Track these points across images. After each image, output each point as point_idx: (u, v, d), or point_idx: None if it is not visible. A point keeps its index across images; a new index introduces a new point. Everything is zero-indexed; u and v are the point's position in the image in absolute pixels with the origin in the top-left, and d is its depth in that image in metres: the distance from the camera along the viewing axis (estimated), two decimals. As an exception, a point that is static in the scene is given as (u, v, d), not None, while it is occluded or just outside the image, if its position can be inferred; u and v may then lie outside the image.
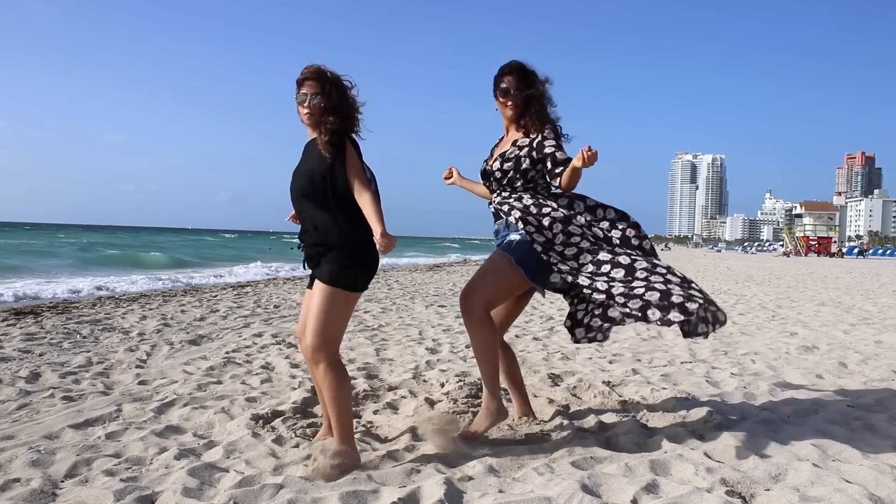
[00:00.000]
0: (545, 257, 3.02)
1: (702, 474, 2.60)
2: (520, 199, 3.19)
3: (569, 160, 3.03)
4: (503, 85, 3.23)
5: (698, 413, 3.59)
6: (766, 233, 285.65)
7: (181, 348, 6.02)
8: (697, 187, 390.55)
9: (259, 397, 4.08)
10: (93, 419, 3.62)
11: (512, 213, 3.15)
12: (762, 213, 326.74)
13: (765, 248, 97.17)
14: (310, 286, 3.02)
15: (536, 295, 3.41)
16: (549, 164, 3.10)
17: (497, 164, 3.24)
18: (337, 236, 2.82)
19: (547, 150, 3.11)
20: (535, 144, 3.16)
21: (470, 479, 2.67)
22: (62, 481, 2.74)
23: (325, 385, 2.84)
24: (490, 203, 3.35)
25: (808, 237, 62.26)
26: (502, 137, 3.43)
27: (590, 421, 3.53)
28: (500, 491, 2.54)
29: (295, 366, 5.16)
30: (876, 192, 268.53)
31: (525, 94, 3.20)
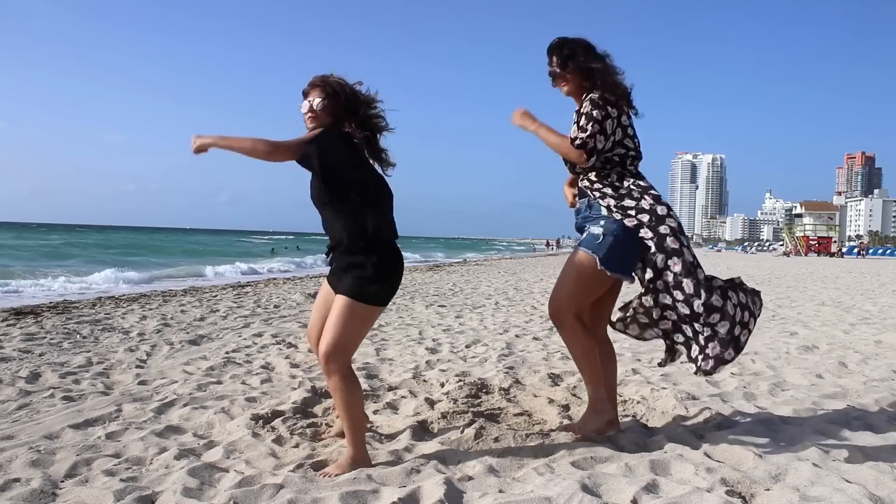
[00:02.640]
0: (647, 240, 2.92)
1: (702, 474, 2.60)
2: (604, 182, 3.04)
3: (572, 138, 2.95)
4: (549, 71, 3.12)
5: (698, 413, 3.59)
6: (766, 232, 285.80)
7: (181, 348, 6.02)
8: (697, 187, 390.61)
9: (259, 397, 4.08)
10: (93, 419, 3.62)
11: (600, 199, 3.01)
12: (762, 213, 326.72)
13: (765, 248, 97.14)
14: (329, 281, 3.00)
15: (536, 296, 3.39)
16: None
17: None
18: (344, 237, 2.81)
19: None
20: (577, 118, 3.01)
21: (470, 479, 2.67)
22: (62, 481, 2.74)
23: (335, 395, 2.83)
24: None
25: (808, 237, 62.26)
26: None
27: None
28: (500, 491, 2.54)
29: (295, 366, 5.16)
30: (876, 191, 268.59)
31: (572, 66, 3.04)
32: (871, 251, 70.61)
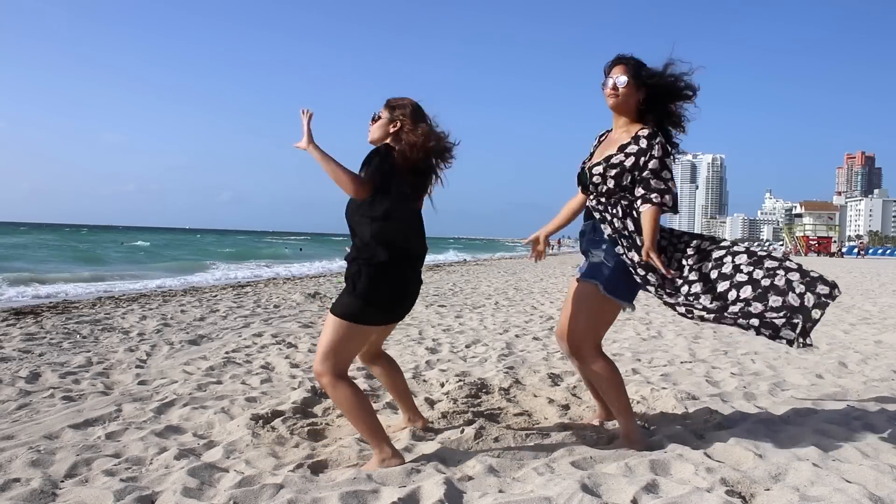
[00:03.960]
0: (638, 278, 2.90)
1: (702, 474, 2.60)
2: (616, 210, 2.98)
3: (662, 194, 2.86)
4: (611, 76, 3.02)
5: (698, 413, 3.59)
6: (766, 232, 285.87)
7: (181, 348, 6.02)
8: (697, 187, 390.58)
9: (259, 397, 4.08)
10: (93, 419, 3.62)
11: (605, 225, 2.98)
12: (762, 213, 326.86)
13: (765, 248, 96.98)
14: None
15: (536, 296, 3.39)
16: (639, 189, 2.91)
17: (599, 170, 2.99)
18: (359, 259, 2.80)
19: (646, 174, 2.90)
20: (640, 162, 2.91)
21: (470, 479, 2.67)
22: (62, 481, 2.74)
23: (336, 403, 2.85)
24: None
25: (807, 237, 62.32)
26: (607, 132, 3.19)
27: (590, 421, 3.54)
28: (500, 491, 2.54)
29: (295, 366, 5.16)
30: (876, 191, 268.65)
31: (641, 84, 2.97)
32: (870, 251, 70.65)
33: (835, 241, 61.26)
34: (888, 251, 74.13)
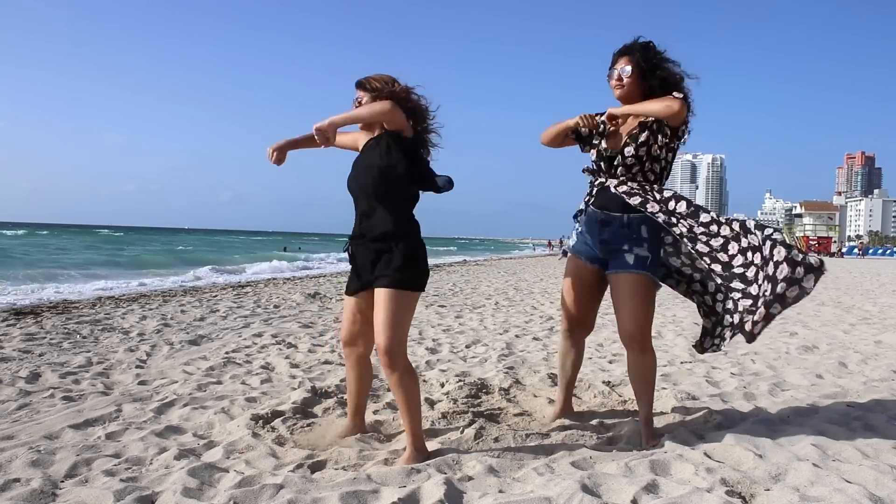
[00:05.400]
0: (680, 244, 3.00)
1: (702, 474, 2.60)
2: (644, 181, 3.05)
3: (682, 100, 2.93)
4: (616, 67, 3.09)
5: (698, 413, 3.59)
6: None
7: (181, 348, 6.02)
8: (697, 187, 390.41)
9: (259, 397, 4.08)
10: (93, 419, 3.62)
11: (649, 202, 2.97)
12: (762, 213, 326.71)
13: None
14: (352, 292, 3.06)
15: (536, 296, 3.40)
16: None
17: (631, 150, 3.03)
18: (399, 231, 2.88)
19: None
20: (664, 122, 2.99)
21: (470, 479, 2.67)
22: (62, 481, 2.74)
23: (400, 390, 2.87)
24: (593, 182, 3.20)
25: (808, 237, 62.33)
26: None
27: (590, 421, 3.54)
28: (500, 491, 2.54)
29: (295, 366, 5.16)
30: (876, 191, 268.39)
31: (647, 72, 3.04)
32: (870, 251, 70.71)
33: (835, 242, 61.33)
34: (888, 251, 74.15)
